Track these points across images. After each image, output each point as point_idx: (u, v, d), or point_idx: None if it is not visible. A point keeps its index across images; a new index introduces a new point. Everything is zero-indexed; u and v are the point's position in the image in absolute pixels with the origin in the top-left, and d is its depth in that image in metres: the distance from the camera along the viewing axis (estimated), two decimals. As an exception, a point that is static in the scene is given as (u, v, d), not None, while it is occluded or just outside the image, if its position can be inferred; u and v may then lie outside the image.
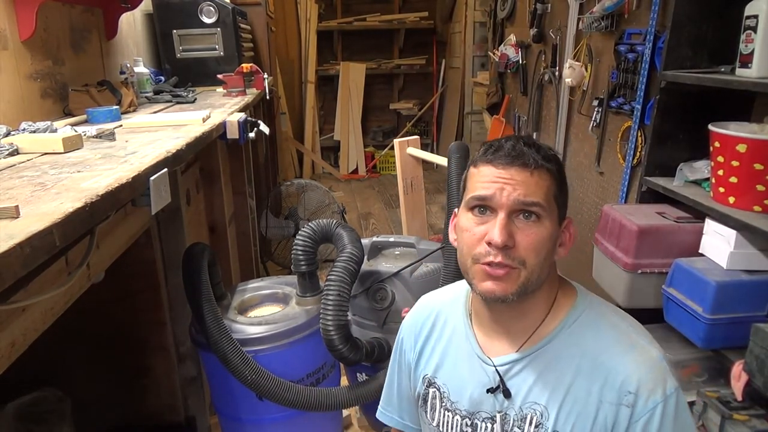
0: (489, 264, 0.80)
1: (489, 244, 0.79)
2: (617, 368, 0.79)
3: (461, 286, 1.00)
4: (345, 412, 2.10)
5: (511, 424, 0.86)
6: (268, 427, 1.71)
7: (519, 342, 0.87)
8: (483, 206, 0.81)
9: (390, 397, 1.10)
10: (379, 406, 1.12)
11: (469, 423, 0.90)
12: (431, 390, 0.96)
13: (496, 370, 0.87)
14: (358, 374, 1.77)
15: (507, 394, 0.86)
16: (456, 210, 0.90)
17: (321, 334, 1.49)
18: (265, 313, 1.75)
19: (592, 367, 0.81)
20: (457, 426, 0.92)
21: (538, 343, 0.85)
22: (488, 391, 0.87)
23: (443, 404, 0.94)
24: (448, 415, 0.93)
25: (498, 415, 0.87)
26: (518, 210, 0.79)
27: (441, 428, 0.94)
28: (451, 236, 0.92)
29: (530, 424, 0.84)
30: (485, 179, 0.81)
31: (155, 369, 1.74)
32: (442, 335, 0.98)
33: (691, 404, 1.65)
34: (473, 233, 0.82)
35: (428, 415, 0.97)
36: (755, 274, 1.57)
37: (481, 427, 0.89)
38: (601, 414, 0.79)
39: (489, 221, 0.80)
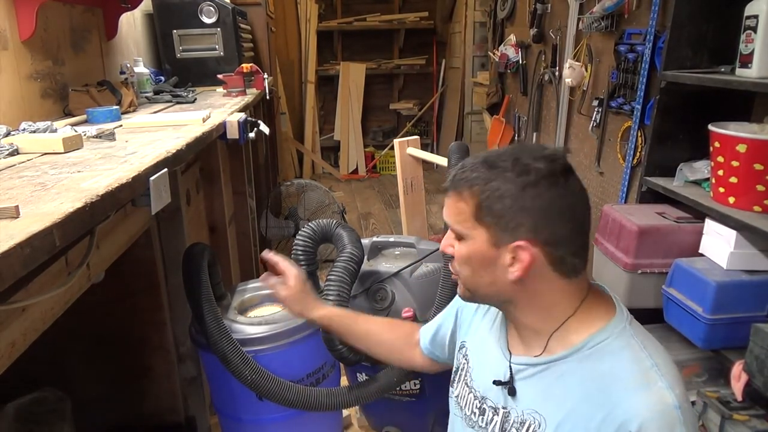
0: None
1: None
2: (623, 404, 0.75)
3: None
4: (345, 412, 2.10)
5: (510, 424, 0.87)
6: (268, 427, 1.71)
7: (537, 349, 0.86)
8: None
9: (432, 325, 1.17)
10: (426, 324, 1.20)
11: (478, 405, 0.94)
12: (463, 362, 1.01)
13: (510, 366, 0.89)
14: (358, 374, 1.77)
15: (512, 392, 0.87)
16: None
17: (321, 334, 1.49)
18: (265, 313, 1.75)
19: (600, 396, 0.77)
20: (470, 404, 0.96)
21: (554, 356, 0.84)
22: (494, 383, 0.90)
23: (465, 378, 0.99)
24: (466, 390, 0.98)
25: (501, 410, 0.89)
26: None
27: (459, 401, 0.99)
28: None
29: (527, 430, 0.84)
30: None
31: (155, 369, 1.74)
32: (487, 313, 1.02)
33: (691, 404, 1.65)
34: None
35: (454, 385, 1.02)
36: (755, 274, 1.57)
37: (487, 414, 0.92)
38: None
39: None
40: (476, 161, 0.83)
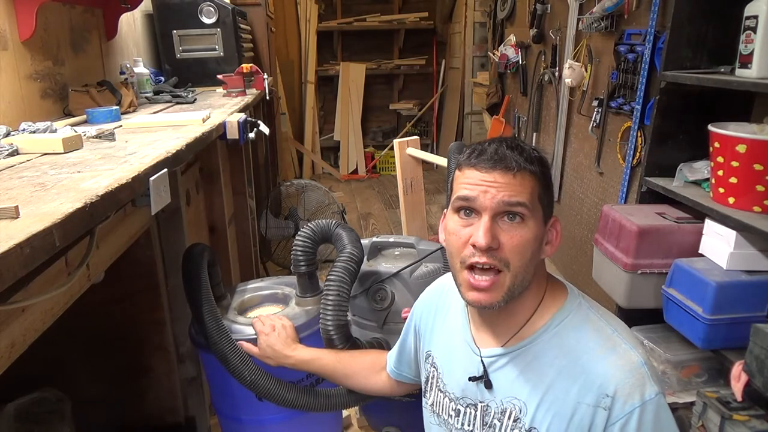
0: (473, 266, 0.81)
1: (474, 246, 0.80)
2: (596, 370, 0.80)
3: None
4: (345, 412, 2.10)
5: (491, 416, 0.88)
6: (267, 427, 1.71)
7: (505, 338, 0.89)
8: (468, 208, 0.83)
9: (395, 348, 1.19)
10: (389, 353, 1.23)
11: (454, 407, 0.94)
12: (432, 370, 1.01)
13: (482, 360, 0.90)
14: (357, 374, 1.77)
15: (488, 385, 0.88)
16: (445, 211, 0.91)
17: (321, 334, 1.49)
18: (264, 313, 1.75)
19: (573, 369, 0.81)
20: (446, 408, 0.96)
21: (523, 341, 0.87)
22: (470, 379, 0.90)
23: (438, 385, 0.99)
24: (440, 396, 0.98)
25: (480, 405, 0.90)
26: (502, 212, 0.81)
27: (435, 408, 0.99)
28: (441, 236, 0.94)
29: (509, 418, 0.86)
30: (469, 182, 0.83)
31: (155, 369, 1.74)
32: (446, 316, 1.02)
33: (691, 404, 1.65)
34: (459, 236, 0.84)
35: (427, 394, 1.02)
36: (755, 274, 1.57)
37: (465, 413, 0.92)
38: (578, 415, 0.80)
39: (474, 223, 0.82)
40: (509, 145, 0.84)
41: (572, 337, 0.84)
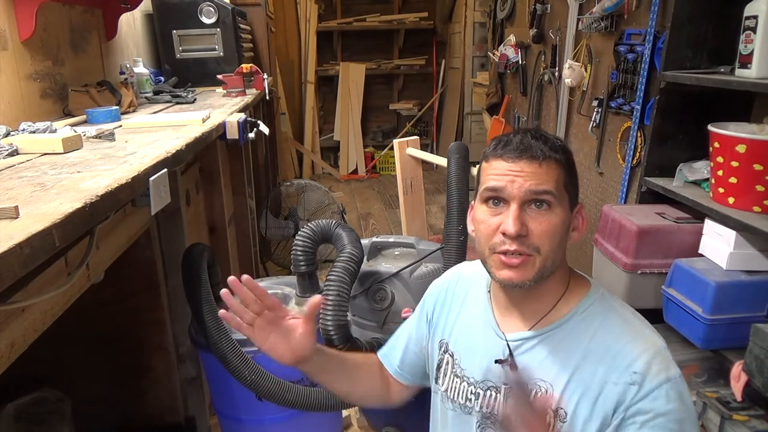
0: (505, 253, 0.84)
1: (504, 234, 0.83)
2: (624, 351, 0.82)
3: None
4: (345, 413, 2.10)
5: None
6: (267, 427, 1.71)
7: (532, 322, 0.91)
8: (496, 198, 0.85)
9: (394, 346, 1.12)
10: (382, 348, 1.15)
11: (473, 391, 0.94)
12: (445, 356, 1.00)
13: (508, 344, 0.91)
14: (357, 374, 1.77)
15: (513, 367, 0.89)
16: (472, 203, 0.94)
17: (321, 334, 1.49)
18: (264, 313, 1.75)
19: (599, 351, 0.84)
20: (463, 393, 0.96)
21: (551, 325, 0.89)
22: (497, 361, 0.91)
23: (454, 370, 0.98)
24: (456, 381, 0.97)
25: (503, 387, 0.90)
26: (530, 200, 0.83)
27: (449, 393, 0.98)
28: (470, 227, 0.96)
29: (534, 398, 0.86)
30: (497, 172, 0.85)
31: (155, 369, 1.74)
32: (463, 303, 1.02)
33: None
34: (488, 224, 0.86)
35: (439, 381, 1.01)
36: (755, 274, 1.57)
37: (486, 396, 0.92)
38: (604, 393, 0.81)
39: (503, 212, 0.85)
40: (534, 135, 0.86)
41: (598, 323, 0.87)
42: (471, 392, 0.95)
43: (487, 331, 0.95)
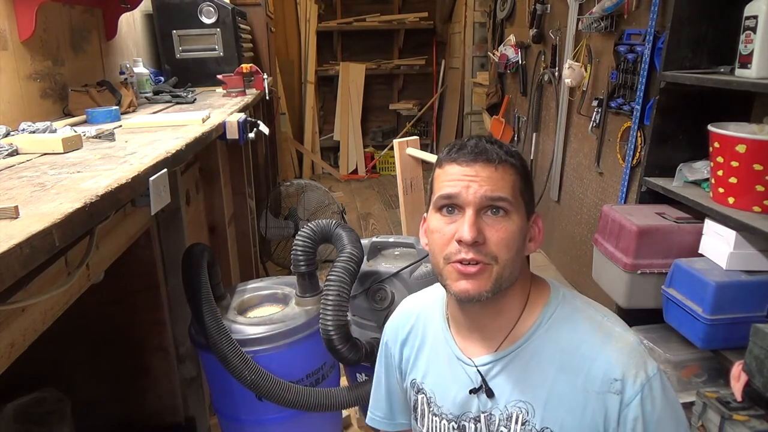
0: (461, 262, 0.80)
1: (459, 242, 0.79)
2: (598, 358, 0.80)
3: (439, 289, 1.00)
4: (345, 413, 2.10)
5: (497, 425, 0.86)
6: (267, 427, 1.71)
7: (496, 343, 0.87)
8: (450, 205, 0.82)
9: (378, 400, 1.10)
10: (368, 412, 1.12)
11: (456, 426, 0.91)
12: (420, 396, 0.97)
13: (478, 370, 0.87)
14: (357, 374, 1.77)
15: (490, 394, 0.86)
16: (425, 214, 0.90)
17: (321, 335, 1.49)
18: (264, 313, 1.75)
19: (573, 361, 0.81)
20: (444, 430, 0.92)
21: (516, 343, 0.86)
22: (471, 391, 0.88)
23: (431, 409, 0.94)
24: (435, 420, 0.93)
25: (483, 416, 0.87)
26: (486, 206, 0.80)
27: None
28: (422, 240, 0.92)
29: (516, 422, 0.84)
30: (451, 178, 0.82)
31: (155, 369, 1.74)
32: (424, 339, 0.98)
33: (691, 404, 1.65)
34: (443, 233, 0.82)
35: (419, 422, 0.97)
36: (755, 274, 1.57)
37: (467, 428, 0.89)
38: (590, 406, 0.79)
39: (458, 220, 0.81)
40: (488, 140, 0.84)
41: (566, 330, 0.84)
42: (453, 428, 0.91)
43: (452, 362, 0.91)
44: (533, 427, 0.82)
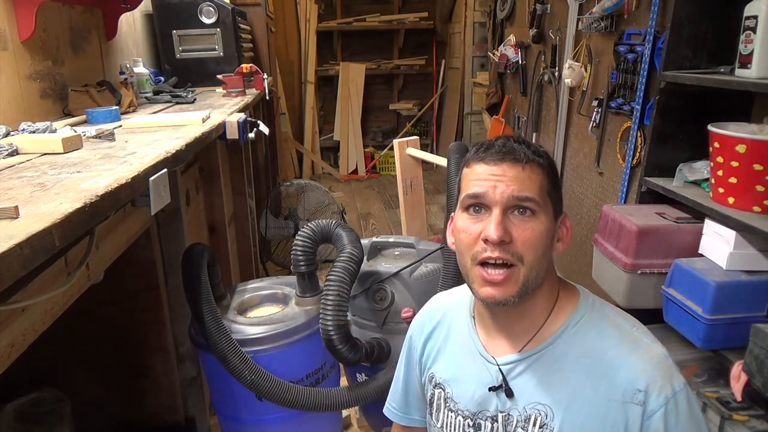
0: (487, 261, 0.80)
1: (486, 241, 0.79)
2: (623, 367, 0.79)
3: (466, 287, 1.00)
4: (345, 413, 2.10)
5: (514, 425, 0.85)
6: (267, 427, 1.71)
7: (521, 343, 0.87)
8: (478, 204, 0.82)
9: (395, 392, 1.11)
10: (386, 402, 1.13)
11: (471, 423, 0.90)
12: (437, 391, 0.97)
13: (499, 368, 0.87)
14: (357, 374, 1.77)
15: (509, 394, 0.85)
16: (452, 214, 0.90)
17: (320, 335, 1.49)
18: (264, 313, 1.75)
19: (597, 367, 0.80)
20: (459, 426, 0.92)
21: (541, 344, 0.85)
22: (490, 389, 0.87)
23: (447, 405, 0.94)
24: (451, 416, 0.93)
25: (500, 415, 0.87)
26: (513, 206, 0.80)
27: (444, 429, 0.94)
28: (449, 240, 0.92)
29: (534, 424, 0.83)
30: (478, 177, 0.82)
31: (155, 369, 1.74)
32: (448, 335, 0.98)
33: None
34: (470, 233, 0.82)
35: (434, 417, 0.97)
36: (755, 274, 1.57)
37: (483, 427, 0.88)
38: (611, 414, 0.78)
39: (484, 219, 0.81)
40: (516, 140, 0.84)
41: (593, 336, 0.83)
42: (468, 425, 0.90)
43: (475, 358, 0.91)
44: (551, 430, 0.81)
